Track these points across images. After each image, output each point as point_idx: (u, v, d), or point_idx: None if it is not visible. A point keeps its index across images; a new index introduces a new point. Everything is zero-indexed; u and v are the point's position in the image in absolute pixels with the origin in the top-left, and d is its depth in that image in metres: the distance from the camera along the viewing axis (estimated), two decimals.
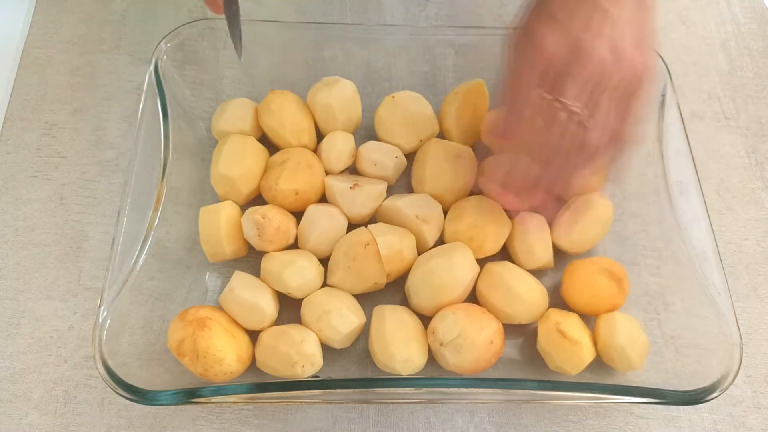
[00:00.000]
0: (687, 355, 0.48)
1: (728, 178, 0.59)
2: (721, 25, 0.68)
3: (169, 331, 0.46)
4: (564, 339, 0.46)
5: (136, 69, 0.61)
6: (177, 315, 0.46)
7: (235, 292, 0.47)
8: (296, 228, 0.51)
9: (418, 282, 0.48)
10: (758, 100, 0.64)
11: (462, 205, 0.51)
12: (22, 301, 0.51)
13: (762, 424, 0.49)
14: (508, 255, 0.52)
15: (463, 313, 0.46)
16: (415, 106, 0.55)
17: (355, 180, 0.52)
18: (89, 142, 0.58)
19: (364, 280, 0.48)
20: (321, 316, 0.46)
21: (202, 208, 0.51)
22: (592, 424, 0.48)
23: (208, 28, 0.55)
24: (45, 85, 0.60)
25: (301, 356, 0.45)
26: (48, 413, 0.47)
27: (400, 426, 0.48)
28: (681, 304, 0.50)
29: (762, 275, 0.55)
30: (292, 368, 0.45)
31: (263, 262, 0.49)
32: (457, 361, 0.45)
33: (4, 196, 0.55)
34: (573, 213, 0.52)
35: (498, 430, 0.48)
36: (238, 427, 0.47)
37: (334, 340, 0.47)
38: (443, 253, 0.48)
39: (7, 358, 0.49)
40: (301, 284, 0.48)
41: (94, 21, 0.64)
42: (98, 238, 0.53)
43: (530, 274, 0.50)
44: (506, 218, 0.51)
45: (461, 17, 0.65)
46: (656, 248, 0.53)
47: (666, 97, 0.54)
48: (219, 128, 0.55)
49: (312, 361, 0.45)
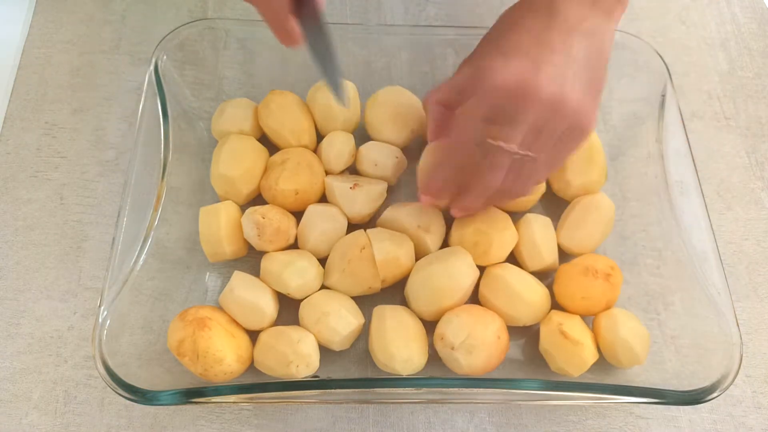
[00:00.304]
0: (687, 355, 0.48)
1: (728, 178, 0.59)
2: (721, 25, 0.68)
3: (169, 331, 0.46)
4: (566, 340, 0.46)
5: (136, 69, 0.61)
6: (177, 315, 0.46)
7: (235, 292, 0.47)
8: (296, 228, 0.51)
9: (418, 286, 0.48)
10: (758, 100, 0.64)
11: None
12: (22, 301, 0.51)
13: (762, 424, 0.49)
14: (513, 257, 0.52)
15: (467, 314, 0.46)
16: (399, 99, 0.55)
17: (355, 180, 0.52)
18: (89, 142, 0.58)
19: (358, 283, 0.48)
20: (320, 318, 0.46)
21: (202, 208, 0.51)
22: (592, 424, 0.48)
23: (208, 28, 0.55)
24: (45, 85, 0.60)
25: (297, 356, 0.45)
26: (48, 413, 0.47)
27: (400, 426, 0.48)
28: (681, 304, 0.50)
29: (762, 275, 0.55)
30: (287, 368, 0.45)
31: (263, 262, 0.49)
32: (471, 362, 0.45)
33: (4, 196, 0.55)
34: (578, 214, 0.52)
35: (498, 430, 0.48)
36: (238, 427, 0.47)
37: (333, 341, 0.47)
38: (443, 258, 0.48)
39: (7, 358, 0.49)
40: (300, 285, 0.48)
41: (94, 21, 0.64)
42: (98, 238, 0.53)
43: (532, 276, 0.50)
44: (513, 228, 0.51)
45: (461, 17, 0.65)
46: (656, 248, 0.53)
47: (666, 97, 0.54)
48: (219, 128, 0.55)
49: (308, 362, 0.45)
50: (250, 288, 0.48)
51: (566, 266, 0.50)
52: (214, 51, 0.57)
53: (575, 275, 0.49)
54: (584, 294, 0.48)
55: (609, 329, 0.47)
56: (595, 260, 0.49)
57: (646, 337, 0.47)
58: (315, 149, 0.55)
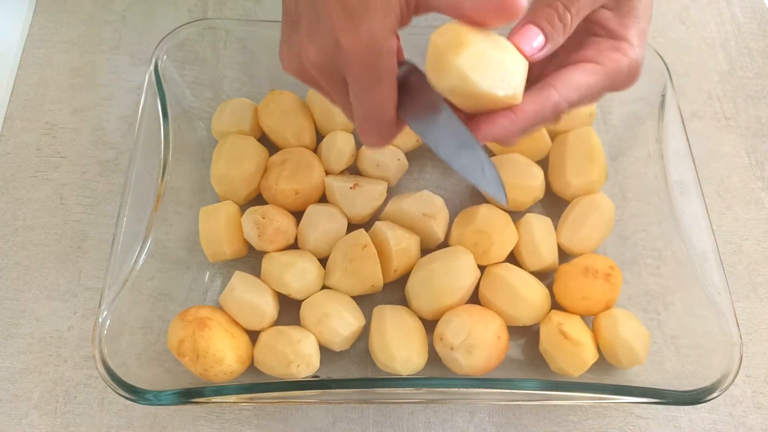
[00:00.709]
0: (687, 355, 0.48)
1: (728, 178, 0.59)
2: (721, 25, 0.68)
3: (169, 331, 0.46)
4: (566, 340, 0.46)
5: (136, 69, 0.61)
6: (177, 315, 0.46)
7: (236, 292, 0.47)
8: (296, 228, 0.51)
9: (419, 285, 0.48)
10: (758, 100, 0.64)
11: (471, 212, 0.51)
12: (22, 301, 0.51)
13: (762, 424, 0.49)
14: (513, 257, 0.52)
15: (467, 314, 0.46)
16: None
17: (355, 180, 0.52)
18: (89, 142, 0.58)
19: (361, 282, 0.48)
20: (321, 318, 0.46)
21: (203, 208, 0.51)
22: (592, 424, 0.48)
23: (208, 28, 0.55)
24: (45, 85, 0.60)
25: (297, 356, 0.45)
26: (48, 413, 0.47)
27: (400, 426, 0.48)
28: (681, 304, 0.50)
29: (762, 275, 0.55)
30: (288, 367, 0.45)
31: (264, 262, 0.49)
32: (470, 362, 0.45)
33: (4, 196, 0.55)
34: (578, 214, 0.52)
35: (498, 430, 0.48)
36: (238, 427, 0.47)
37: (334, 342, 0.47)
38: (443, 257, 0.48)
39: (7, 358, 0.49)
40: (301, 286, 0.48)
41: (94, 21, 0.64)
42: (98, 238, 0.53)
43: (532, 276, 0.50)
44: (513, 228, 0.51)
45: None
46: (656, 248, 0.53)
47: (666, 97, 0.54)
48: (219, 128, 0.55)
49: (308, 362, 0.45)
50: (251, 288, 0.48)
51: (566, 266, 0.50)
52: (214, 51, 0.57)
53: (575, 275, 0.49)
54: (584, 294, 0.48)
55: (609, 329, 0.47)
56: (595, 260, 0.49)
57: (646, 337, 0.47)
58: (315, 149, 0.55)
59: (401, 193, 0.53)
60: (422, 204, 0.51)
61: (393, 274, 0.49)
